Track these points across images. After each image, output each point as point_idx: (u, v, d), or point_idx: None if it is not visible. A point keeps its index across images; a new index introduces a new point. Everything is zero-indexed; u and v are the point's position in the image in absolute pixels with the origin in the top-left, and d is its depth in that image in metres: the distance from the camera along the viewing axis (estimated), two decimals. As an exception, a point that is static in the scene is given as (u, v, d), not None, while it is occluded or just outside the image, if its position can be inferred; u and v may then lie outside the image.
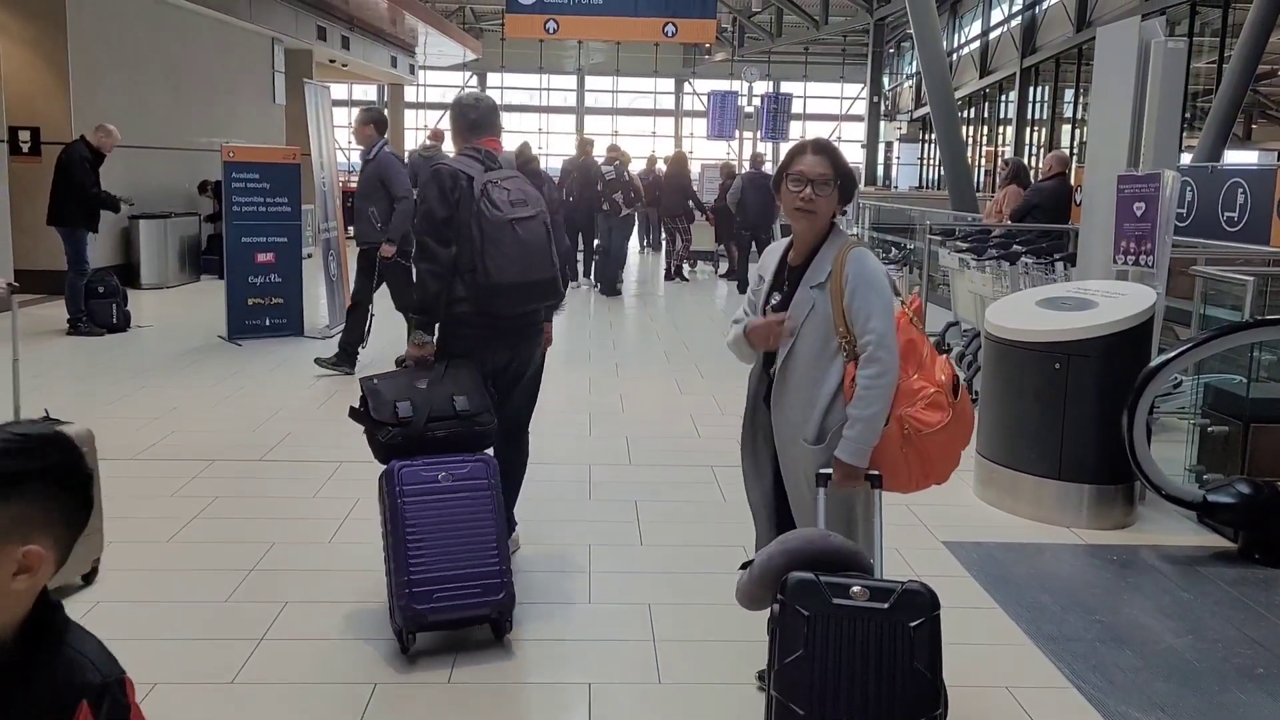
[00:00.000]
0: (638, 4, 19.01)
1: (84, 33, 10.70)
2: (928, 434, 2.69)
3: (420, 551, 3.12)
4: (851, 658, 2.27)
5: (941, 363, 2.76)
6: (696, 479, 5.10)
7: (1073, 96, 22.46)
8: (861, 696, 2.25)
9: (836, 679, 2.26)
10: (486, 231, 3.45)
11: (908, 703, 2.24)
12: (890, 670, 2.26)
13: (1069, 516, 4.50)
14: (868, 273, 2.72)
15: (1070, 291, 4.93)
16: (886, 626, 2.29)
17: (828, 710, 2.25)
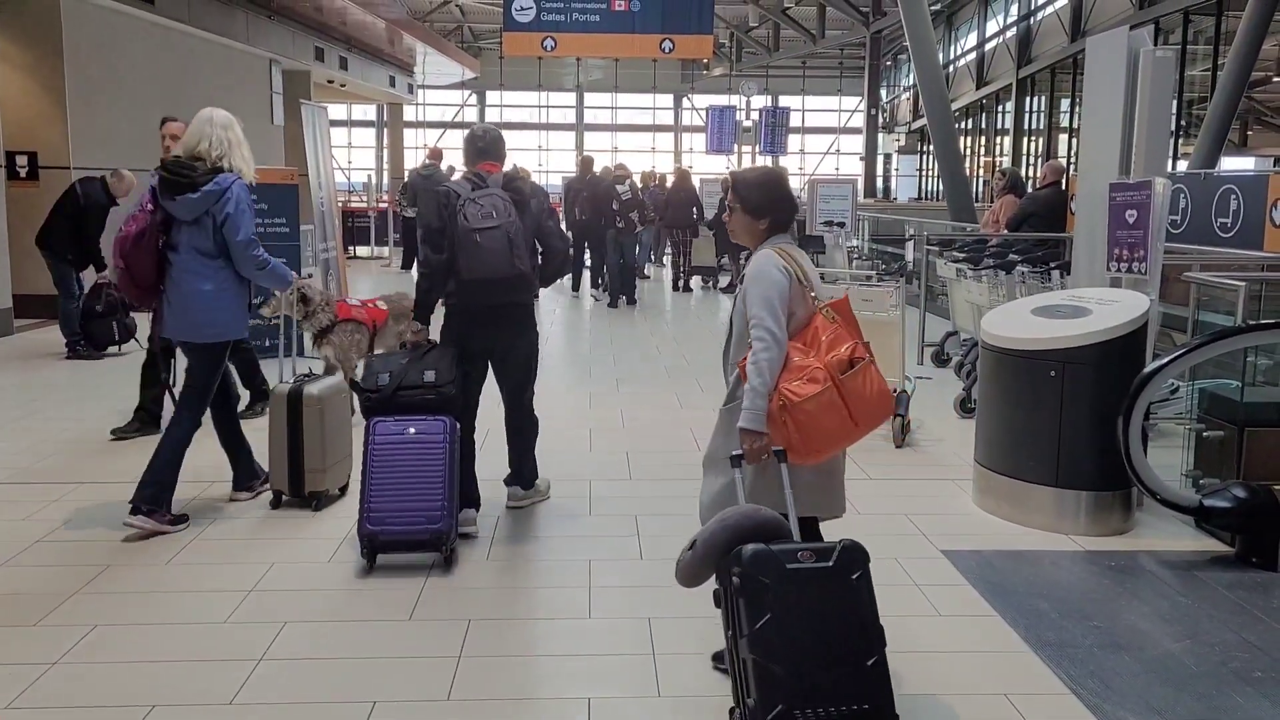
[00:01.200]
0: (635, 21, 19.12)
1: (81, 57, 10.78)
2: (797, 403, 2.97)
3: (379, 486, 4.02)
4: (810, 614, 2.60)
5: (843, 347, 3.05)
6: (696, 492, 5.09)
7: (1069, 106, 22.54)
8: (825, 646, 2.58)
9: (802, 635, 2.58)
10: (460, 239, 4.23)
11: (861, 645, 2.61)
12: (843, 619, 2.63)
13: (1067, 523, 4.51)
14: (755, 271, 3.17)
15: (1064, 299, 4.95)
16: (834, 582, 2.66)
17: (803, 664, 2.55)
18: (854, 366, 3.02)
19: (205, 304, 4.49)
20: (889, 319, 6.10)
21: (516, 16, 18.88)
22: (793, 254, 3.21)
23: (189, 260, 4.49)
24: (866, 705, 2.55)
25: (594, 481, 5.27)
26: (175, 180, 4.45)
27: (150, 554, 4.18)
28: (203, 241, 4.49)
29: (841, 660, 2.58)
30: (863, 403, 3.02)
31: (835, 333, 3.09)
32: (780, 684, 2.53)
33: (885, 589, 3.89)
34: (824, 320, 3.12)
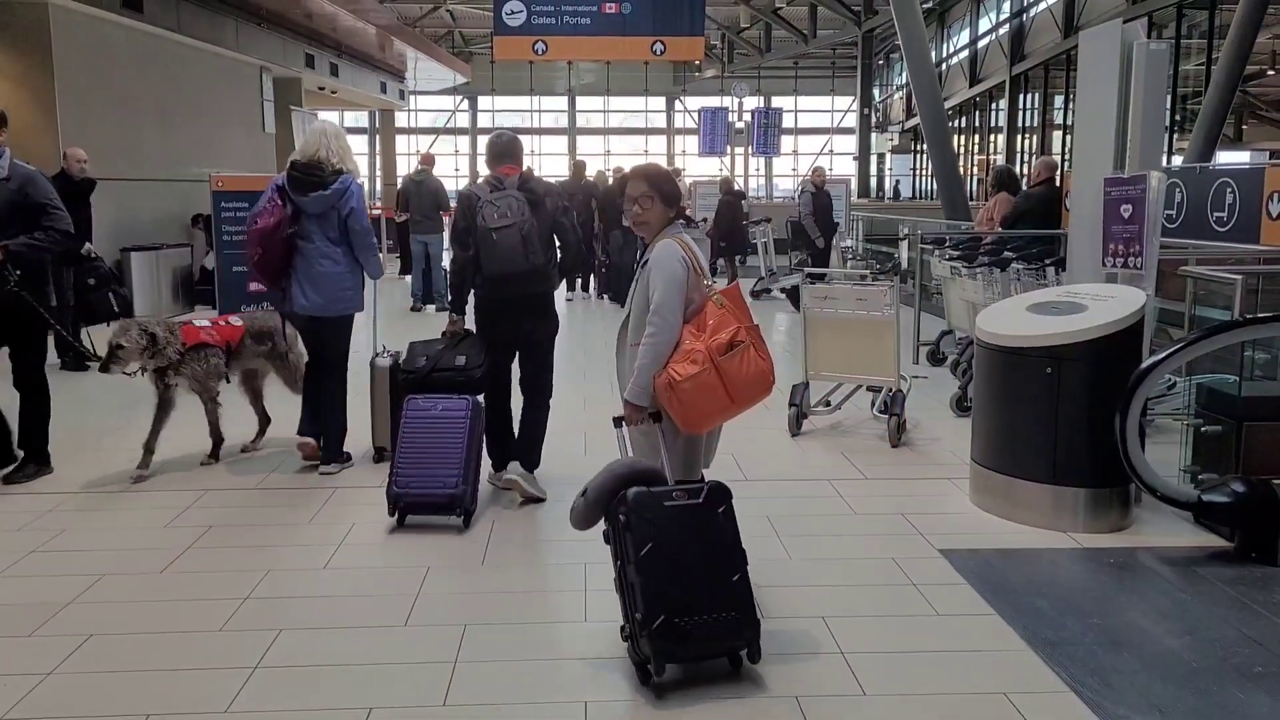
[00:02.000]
0: (626, 23, 19.12)
1: (71, 67, 10.78)
2: (678, 383, 3.36)
3: (406, 454, 4.62)
4: (684, 542, 3.15)
5: (724, 331, 3.39)
6: (692, 494, 5.11)
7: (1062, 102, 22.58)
8: (700, 566, 3.14)
9: (679, 559, 3.12)
10: (480, 238, 4.68)
11: (727, 565, 3.17)
12: (712, 544, 3.18)
13: (1065, 521, 4.51)
14: (660, 260, 3.48)
15: (1060, 296, 4.95)
16: (703, 515, 3.20)
17: (680, 582, 3.10)
18: (733, 349, 3.36)
19: (335, 283, 5.33)
20: (884, 318, 6.10)
21: (507, 20, 18.90)
22: (689, 244, 3.58)
23: (320, 247, 5.30)
24: (734, 613, 3.12)
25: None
26: (307, 180, 5.25)
27: (145, 563, 4.17)
28: (330, 231, 5.30)
29: (711, 578, 3.13)
30: (740, 382, 3.37)
31: (721, 318, 3.43)
32: (662, 599, 3.06)
33: (883, 589, 3.92)
34: (714, 306, 3.47)
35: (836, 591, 3.93)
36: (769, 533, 4.54)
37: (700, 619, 3.07)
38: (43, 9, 10.41)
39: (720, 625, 3.09)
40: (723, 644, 3.18)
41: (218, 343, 5.58)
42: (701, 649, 3.17)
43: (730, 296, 3.51)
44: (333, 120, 5.68)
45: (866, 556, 4.29)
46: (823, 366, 6.36)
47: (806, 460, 5.79)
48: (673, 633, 3.05)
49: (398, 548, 4.38)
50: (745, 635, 3.15)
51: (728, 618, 3.10)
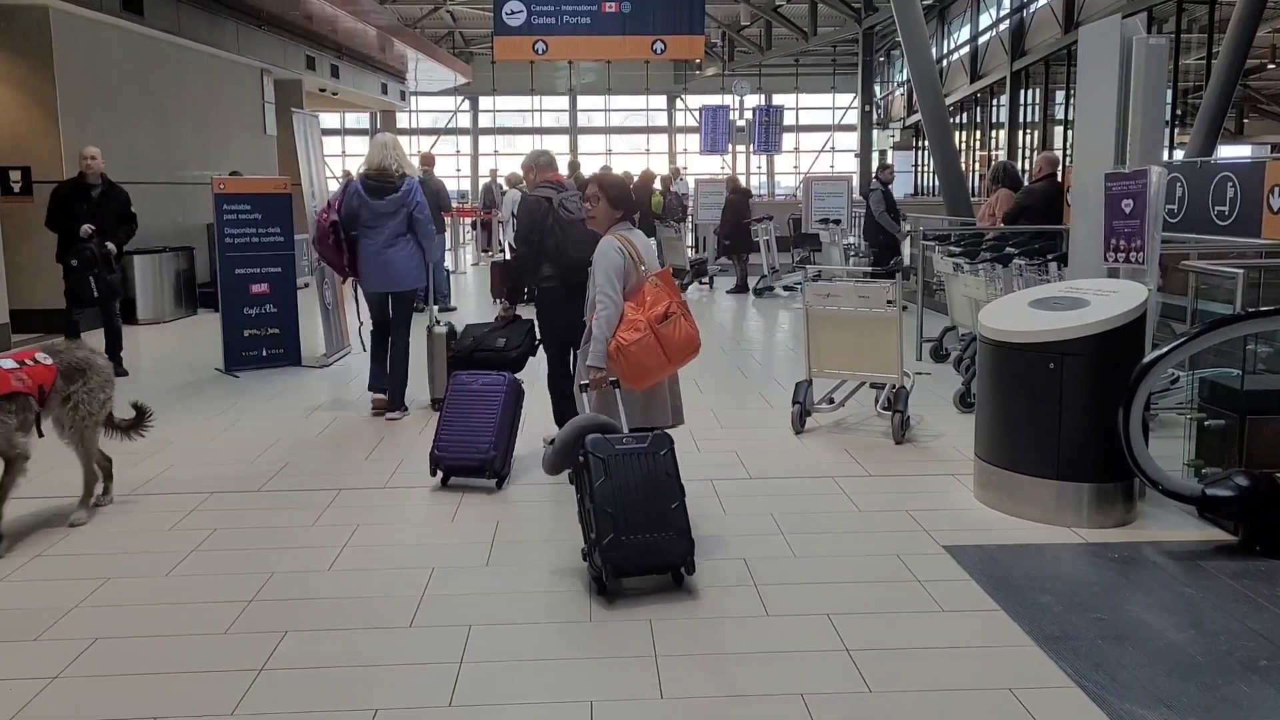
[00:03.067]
0: (626, 22, 19.11)
1: (71, 70, 10.79)
2: (625, 346, 4.21)
3: (447, 422, 5.24)
4: (632, 475, 3.85)
5: (660, 305, 4.27)
6: (696, 493, 5.09)
7: (1063, 98, 22.54)
8: (643, 496, 3.84)
9: (627, 491, 3.83)
10: (565, 229, 5.40)
11: (667, 495, 3.86)
12: (653, 478, 3.87)
13: (1069, 516, 4.51)
14: (601, 252, 4.45)
15: (1062, 291, 4.95)
16: (648, 456, 3.91)
17: (627, 508, 3.79)
18: (668, 318, 4.28)
19: (403, 265, 6.58)
20: (886, 315, 6.09)
21: (507, 21, 18.89)
22: (629, 238, 4.51)
23: (392, 238, 6.53)
24: (671, 533, 3.83)
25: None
26: (380, 186, 6.53)
27: (150, 567, 4.17)
28: (400, 225, 6.54)
29: (652, 505, 3.83)
30: (673, 344, 4.30)
31: (656, 294, 4.34)
32: (612, 521, 3.77)
33: (888, 586, 3.92)
34: (650, 286, 4.38)
35: (841, 588, 3.93)
36: (774, 530, 4.54)
37: (643, 537, 3.79)
38: (43, 13, 10.41)
39: (660, 543, 3.82)
40: (662, 558, 3.85)
41: (29, 390, 4.46)
42: (644, 562, 3.84)
43: (662, 278, 4.43)
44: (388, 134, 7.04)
45: (871, 553, 4.29)
46: (826, 364, 6.36)
47: (810, 458, 5.78)
48: (620, 548, 3.76)
49: (402, 550, 4.39)
50: (681, 550, 3.86)
51: (666, 537, 3.82)
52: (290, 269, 8.93)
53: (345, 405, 7.49)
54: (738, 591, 3.88)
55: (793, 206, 17.39)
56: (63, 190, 8.37)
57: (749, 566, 4.10)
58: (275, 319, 8.71)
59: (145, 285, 11.57)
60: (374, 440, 6.22)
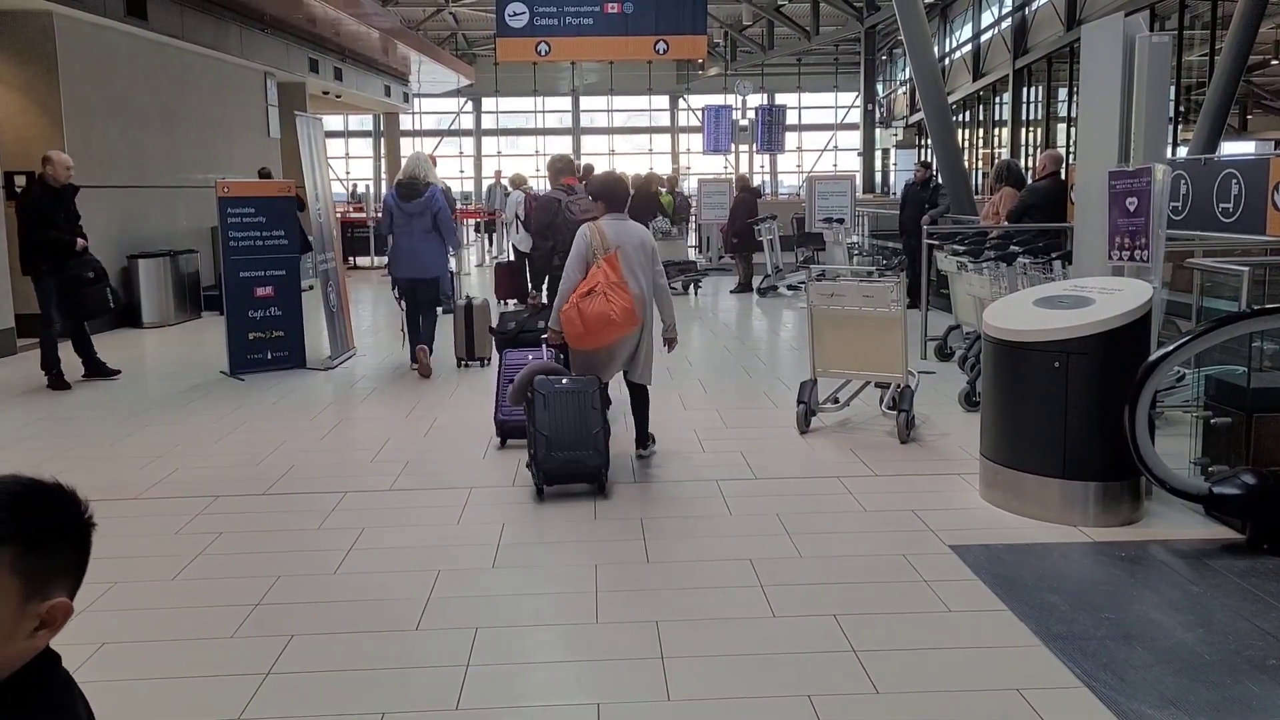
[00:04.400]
0: (628, 23, 19.10)
1: (76, 74, 10.80)
2: (563, 312, 5.24)
3: (504, 391, 5.99)
4: (566, 408, 5.06)
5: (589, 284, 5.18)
6: (702, 494, 5.11)
7: (1066, 95, 22.50)
8: (572, 423, 5.02)
9: (562, 419, 5.02)
10: (569, 227, 6.04)
11: (591, 425, 5.04)
12: (581, 411, 5.06)
13: (1075, 515, 4.49)
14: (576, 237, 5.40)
15: (1067, 290, 4.93)
16: (580, 394, 5.13)
17: (560, 432, 4.99)
18: (590, 294, 5.13)
19: (429, 256, 8.14)
20: (891, 315, 6.08)
21: (509, 22, 18.88)
22: (601, 227, 5.36)
23: (419, 234, 8.05)
24: (590, 450, 4.99)
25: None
26: (410, 192, 8.09)
27: (156, 571, 4.17)
28: (427, 223, 8.06)
29: (581, 430, 5.02)
30: (588, 316, 5.15)
31: (593, 275, 5.20)
32: (548, 441, 4.97)
33: (894, 586, 3.91)
34: (594, 268, 5.22)
35: (847, 589, 3.92)
36: (779, 531, 4.53)
37: (569, 453, 4.99)
38: (47, 18, 10.42)
39: (581, 458, 5.01)
40: (584, 469, 5.05)
41: None
42: (568, 470, 5.03)
43: (608, 261, 5.23)
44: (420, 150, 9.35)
45: (877, 553, 4.28)
46: (830, 363, 6.35)
47: (815, 457, 5.77)
48: (550, 460, 4.97)
49: (408, 552, 4.39)
50: (596, 464, 5.04)
51: (586, 454, 5.01)
52: (295, 271, 8.93)
53: (351, 407, 7.50)
54: (744, 592, 3.87)
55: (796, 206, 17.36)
56: (41, 199, 7.96)
57: (755, 567, 4.09)
58: (280, 322, 8.71)
59: (150, 289, 11.58)
60: (379, 442, 6.22)
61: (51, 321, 8.12)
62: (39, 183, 8.07)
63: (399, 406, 7.28)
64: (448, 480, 5.43)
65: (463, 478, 5.45)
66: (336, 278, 9.25)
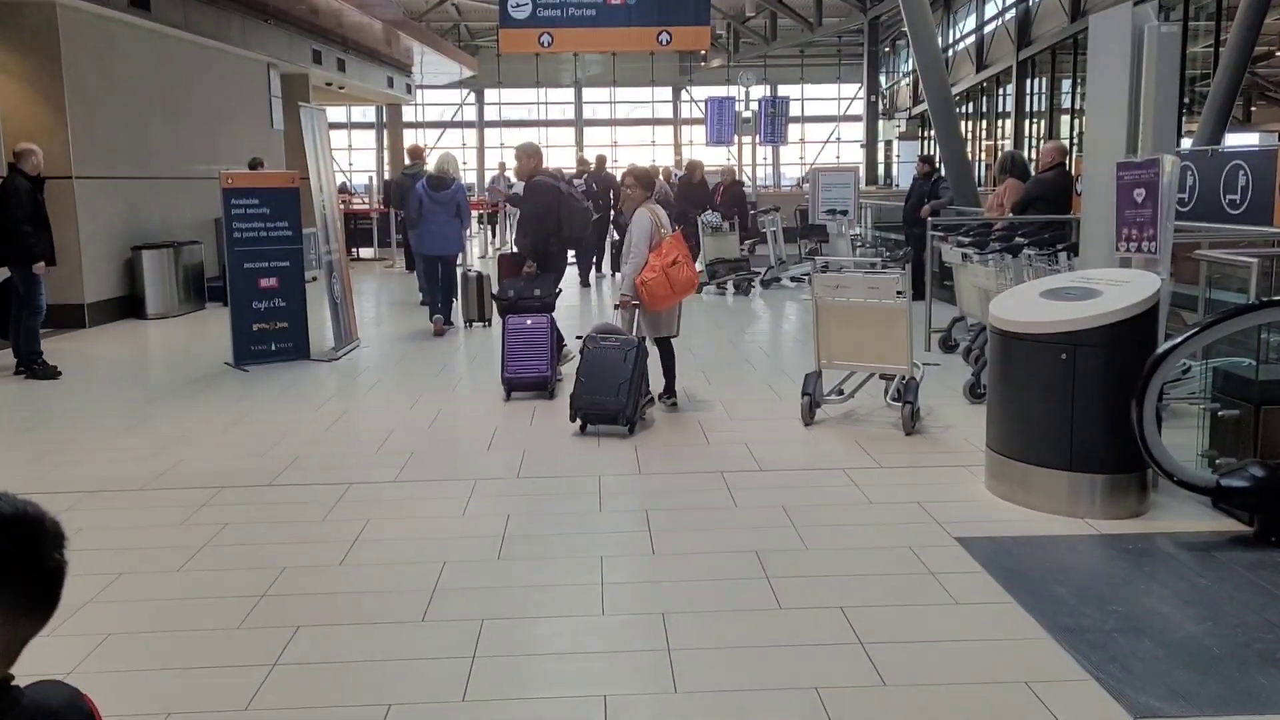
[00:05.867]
0: (631, 14, 19.05)
1: (79, 65, 10.76)
2: (646, 280, 6.30)
3: (511, 352, 7.08)
4: (605, 363, 6.11)
5: (670, 255, 6.32)
6: (706, 485, 5.09)
7: (1070, 87, 22.42)
8: (608, 375, 6.07)
9: (599, 370, 6.08)
10: (571, 213, 7.76)
11: (619, 376, 6.02)
12: (615, 365, 6.06)
13: (1082, 507, 4.47)
14: (636, 219, 6.51)
15: (1074, 281, 4.90)
16: (620, 352, 6.14)
17: (596, 379, 6.06)
18: (675, 264, 6.28)
19: (450, 236, 10.08)
20: (895, 306, 6.05)
21: (512, 13, 18.83)
22: (655, 210, 6.59)
23: (443, 218, 9.93)
24: (621, 398, 6.00)
25: (603, 477, 5.25)
26: (439, 184, 9.98)
27: (162, 562, 4.16)
28: (451, 210, 9.93)
29: (612, 382, 6.06)
30: (678, 281, 6.30)
31: (669, 247, 6.35)
32: (587, 387, 6.09)
33: (901, 578, 3.89)
34: (666, 243, 6.39)
35: (853, 581, 3.90)
36: (784, 523, 4.51)
37: (602, 398, 6.07)
38: (50, 9, 10.38)
39: (606, 401, 6.05)
40: (611, 413, 6.04)
41: None
42: (601, 413, 6.07)
43: (676, 238, 6.50)
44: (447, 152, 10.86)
45: (883, 545, 4.26)
46: (835, 355, 6.33)
47: (821, 449, 5.76)
48: (580, 400, 6.11)
49: (413, 544, 4.37)
50: (626, 410, 6.03)
51: (612, 399, 6.03)
52: (299, 263, 8.91)
53: (355, 399, 7.49)
54: (750, 585, 3.85)
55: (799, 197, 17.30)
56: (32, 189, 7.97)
57: (761, 559, 4.08)
58: (284, 313, 8.70)
59: (154, 280, 11.56)
60: (383, 434, 6.20)
61: (39, 308, 8.08)
62: (19, 173, 8.00)
63: (403, 398, 7.27)
64: (452, 472, 5.42)
65: (467, 469, 5.44)
66: (340, 269, 9.23)
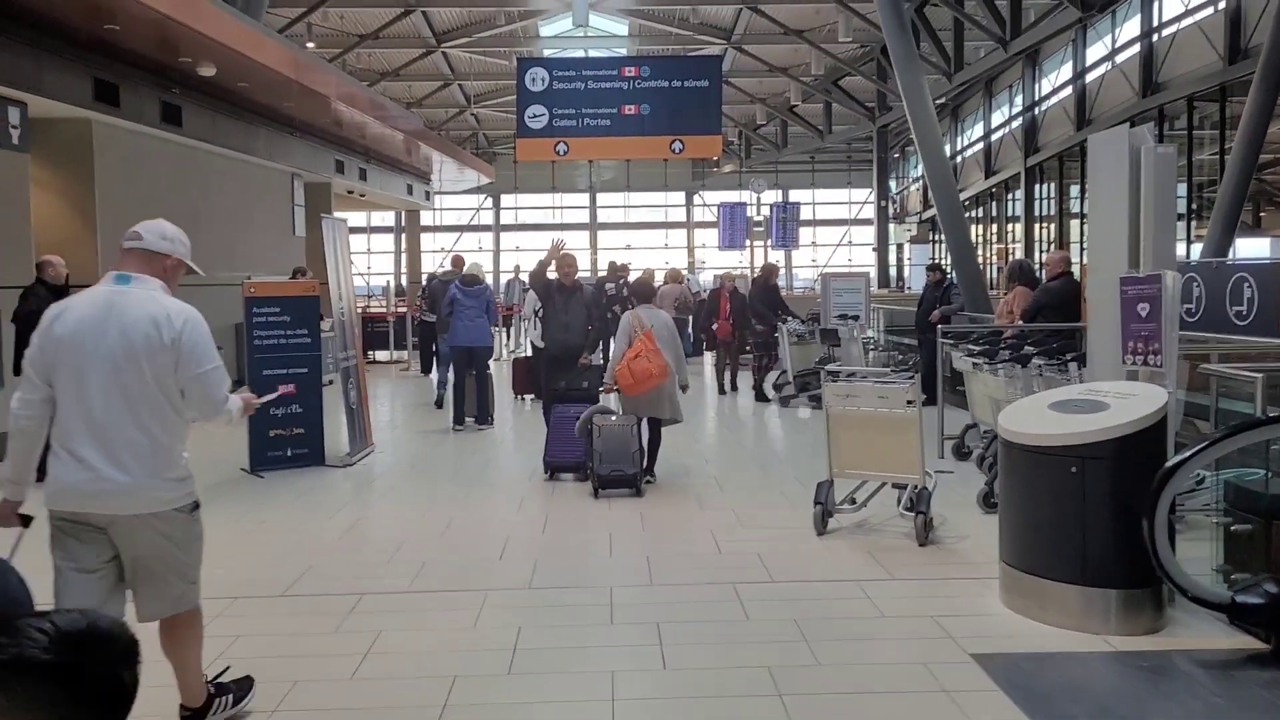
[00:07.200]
0: (644, 123, 19.62)
1: (111, 179, 11.17)
2: (616, 369, 7.54)
3: (554, 438, 8.05)
4: (614, 436, 7.51)
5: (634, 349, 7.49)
6: (719, 597, 5.09)
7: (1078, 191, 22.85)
8: (618, 446, 7.49)
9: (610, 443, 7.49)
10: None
11: (629, 447, 7.48)
12: (624, 438, 7.52)
13: (1097, 623, 4.45)
14: (621, 321, 8.17)
15: (1082, 393, 4.97)
16: (625, 428, 7.58)
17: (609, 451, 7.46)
18: (636, 358, 7.40)
19: (482, 330, 10.87)
20: (906, 415, 6.12)
21: (529, 124, 19.44)
22: (639, 314, 7.87)
23: (474, 314, 10.79)
24: (629, 465, 7.45)
25: (615, 588, 5.25)
26: (472, 282, 11.03)
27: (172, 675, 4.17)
28: (481, 307, 10.86)
29: (621, 451, 7.44)
30: (636, 372, 7.40)
31: (636, 345, 7.48)
32: (600, 456, 7.41)
33: (915, 696, 3.88)
34: (638, 340, 7.52)
35: (867, 699, 3.88)
36: (796, 637, 4.50)
37: (614, 468, 7.40)
38: (85, 125, 10.83)
39: (624, 472, 7.40)
40: (625, 479, 7.39)
41: None
42: (616, 482, 7.38)
43: (646, 335, 7.55)
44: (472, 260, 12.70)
45: (896, 661, 4.25)
46: (847, 464, 6.37)
47: (833, 560, 5.76)
48: (601, 470, 7.39)
49: (424, 657, 4.38)
50: (636, 477, 7.40)
51: (629, 469, 7.41)
52: (316, 369, 9.07)
53: (369, 505, 7.54)
54: (762, 702, 3.84)
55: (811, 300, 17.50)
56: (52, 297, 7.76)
57: (773, 675, 4.07)
58: (300, 418, 8.81)
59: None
60: (396, 542, 6.24)
61: None
62: (42, 284, 8.22)
63: (416, 504, 7.32)
64: (464, 582, 5.43)
65: (479, 579, 5.46)
66: (356, 375, 9.39)
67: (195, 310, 3.47)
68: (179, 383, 3.35)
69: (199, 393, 3.39)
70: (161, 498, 3.36)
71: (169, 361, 3.31)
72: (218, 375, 3.44)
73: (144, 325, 3.30)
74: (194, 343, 3.36)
